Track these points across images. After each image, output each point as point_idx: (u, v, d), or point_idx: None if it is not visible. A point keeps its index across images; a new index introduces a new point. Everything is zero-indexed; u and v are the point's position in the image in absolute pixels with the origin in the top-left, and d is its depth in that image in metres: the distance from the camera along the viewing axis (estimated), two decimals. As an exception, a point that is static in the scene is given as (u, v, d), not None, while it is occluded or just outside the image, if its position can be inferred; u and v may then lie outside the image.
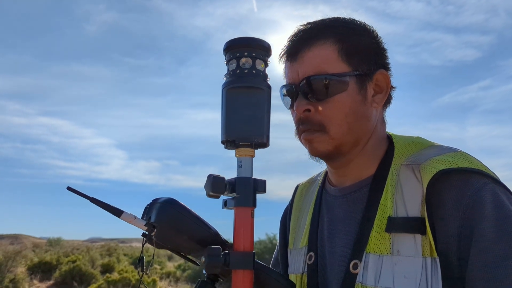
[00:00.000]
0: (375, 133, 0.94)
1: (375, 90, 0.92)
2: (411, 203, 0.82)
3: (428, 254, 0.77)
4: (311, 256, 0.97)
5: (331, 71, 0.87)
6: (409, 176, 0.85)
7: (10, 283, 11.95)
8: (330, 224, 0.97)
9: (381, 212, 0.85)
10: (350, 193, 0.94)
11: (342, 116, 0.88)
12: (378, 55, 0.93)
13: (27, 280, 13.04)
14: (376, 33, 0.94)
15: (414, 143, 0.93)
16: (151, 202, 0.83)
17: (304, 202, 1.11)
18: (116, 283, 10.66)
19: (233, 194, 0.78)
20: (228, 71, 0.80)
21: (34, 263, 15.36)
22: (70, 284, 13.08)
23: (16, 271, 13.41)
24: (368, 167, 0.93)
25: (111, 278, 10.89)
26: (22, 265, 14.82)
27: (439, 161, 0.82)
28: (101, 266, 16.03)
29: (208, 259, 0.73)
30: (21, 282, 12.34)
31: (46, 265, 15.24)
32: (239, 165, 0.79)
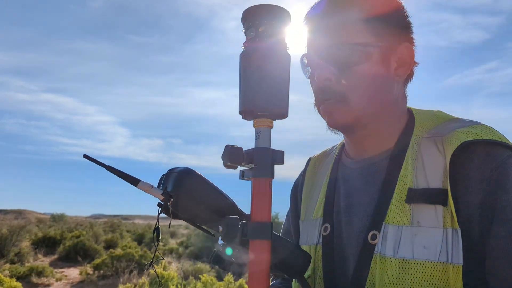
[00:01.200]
0: (395, 106, 0.92)
1: (398, 64, 0.90)
2: (433, 175, 0.81)
3: (449, 225, 0.77)
4: (327, 228, 0.97)
5: (356, 41, 0.86)
6: (430, 148, 0.84)
7: (15, 256, 12.14)
8: (347, 196, 0.96)
9: (401, 184, 0.85)
10: (369, 165, 0.93)
11: (364, 87, 0.87)
12: (403, 28, 0.92)
13: (31, 254, 13.23)
14: (403, 6, 0.92)
15: (435, 116, 0.92)
16: (168, 171, 0.82)
17: (318, 175, 1.10)
18: (120, 258, 10.79)
19: (250, 165, 0.77)
20: (246, 40, 0.78)
21: (38, 237, 15.57)
22: (74, 258, 13.27)
23: (21, 245, 13.60)
24: (387, 140, 0.92)
25: (114, 254, 11.02)
26: (27, 239, 15.01)
27: (462, 133, 0.81)
28: (105, 241, 16.24)
29: (226, 229, 0.73)
30: (26, 256, 12.53)
31: (50, 240, 15.46)
32: (258, 135, 0.77)
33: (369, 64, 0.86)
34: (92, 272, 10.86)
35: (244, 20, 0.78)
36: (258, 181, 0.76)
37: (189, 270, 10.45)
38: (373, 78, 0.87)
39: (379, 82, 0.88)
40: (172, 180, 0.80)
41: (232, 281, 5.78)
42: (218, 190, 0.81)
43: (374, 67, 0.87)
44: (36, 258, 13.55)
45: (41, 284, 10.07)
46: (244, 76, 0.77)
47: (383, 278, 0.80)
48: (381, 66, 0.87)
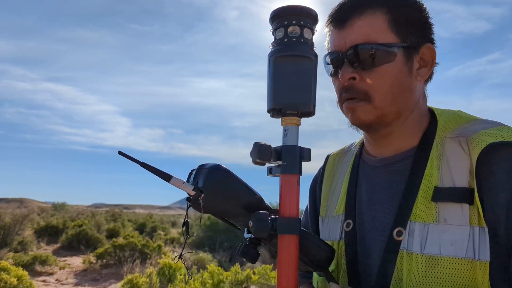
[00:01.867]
0: (417, 106, 0.95)
1: (420, 64, 0.93)
2: (458, 174, 0.84)
3: (476, 223, 0.79)
4: (349, 223, 0.99)
5: (380, 41, 0.88)
6: (455, 148, 0.86)
7: (19, 245, 12.20)
8: (369, 193, 0.99)
9: (426, 182, 0.87)
10: (392, 163, 0.96)
11: (387, 87, 0.89)
12: (425, 29, 0.94)
13: (34, 243, 13.30)
14: (424, 6, 0.94)
15: (457, 116, 0.95)
16: (198, 167, 0.85)
17: (337, 172, 1.12)
18: (123, 247, 10.86)
19: (278, 162, 0.79)
20: (275, 40, 0.80)
21: (41, 226, 15.63)
22: (77, 247, 13.35)
23: (24, 234, 13.68)
24: (410, 139, 0.95)
25: (117, 243, 11.09)
26: (29, 228, 15.10)
27: (487, 134, 0.84)
28: (107, 231, 16.31)
29: (256, 224, 0.75)
30: (29, 244, 12.59)
31: (52, 228, 15.51)
32: (285, 133, 0.79)
33: (393, 64, 0.89)
34: (95, 261, 10.94)
35: (273, 20, 0.80)
36: (286, 178, 0.78)
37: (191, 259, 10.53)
38: (396, 78, 0.89)
39: (403, 81, 0.90)
40: (202, 176, 0.82)
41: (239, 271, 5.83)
42: (247, 186, 0.84)
43: (398, 67, 0.89)
44: (39, 246, 13.63)
45: (45, 272, 10.15)
46: (272, 76, 0.79)
47: (411, 274, 0.83)
48: (405, 66, 0.90)
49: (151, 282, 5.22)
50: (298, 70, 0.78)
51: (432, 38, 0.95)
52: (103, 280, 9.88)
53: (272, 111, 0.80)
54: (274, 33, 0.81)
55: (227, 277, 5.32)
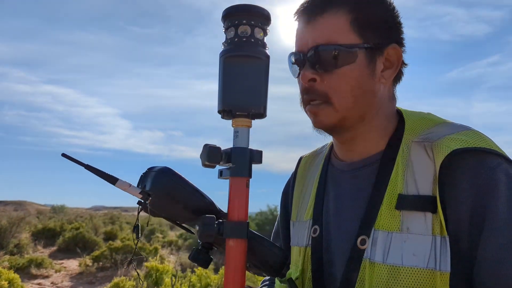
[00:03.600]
0: (382, 108, 0.91)
1: (385, 65, 0.89)
2: (423, 181, 0.81)
3: (438, 233, 0.77)
4: (316, 229, 0.96)
5: (341, 42, 0.85)
6: (420, 154, 0.83)
7: (15, 248, 12.17)
8: (336, 199, 0.96)
9: (391, 189, 0.84)
10: (358, 169, 0.92)
11: (348, 89, 0.86)
12: (392, 29, 0.90)
13: (31, 245, 13.27)
14: (393, 5, 0.91)
15: (425, 119, 0.91)
16: (146, 170, 0.83)
17: (308, 175, 1.09)
18: (119, 251, 10.84)
19: (229, 164, 0.77)
20: (226, 39, 0.79)
21: (38, 229, 15.60)
22: (74, 250, 13.31)
23: (20, 236, 13.65)
24: (377, 143, 0.91)
25: (113, 246, 11.06)
26: (26, 231, 15.06)
27: (452, 140, 0.80)
28: (104, 233, 16.28)
29: (202, 228, 0.74)
30: (25, 247, 12.56)
31: (50, 231, 15.48)
32: (236, 135, 0.78)
33: (353, 66, 0.85)
34: (91, 263, 10.90)
35: (224, 19, 0.79)
36: (235, 180, 0.76)
37: (187, 262, 10.50)
38: (357, 80, 0.86)
39: (364, 84, 0.87)
40: (150, 179, 0.80)
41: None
42: (196, 189, 0.82)
43: (358, 68, 0.86)
44: (36, 249, 13.60)
45: (40, 275, 10.12)
46: (222, 76, 0.77)
47: (372, 284, 0.81)
48: (367, 68, 0.86)
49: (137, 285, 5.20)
50: (249, 71, 0.77)
51: (401, 38, 0.91)
52: (98, 283, 9.85)
53: (222, 112, 0.78)
54: (225, 33, 0.79)
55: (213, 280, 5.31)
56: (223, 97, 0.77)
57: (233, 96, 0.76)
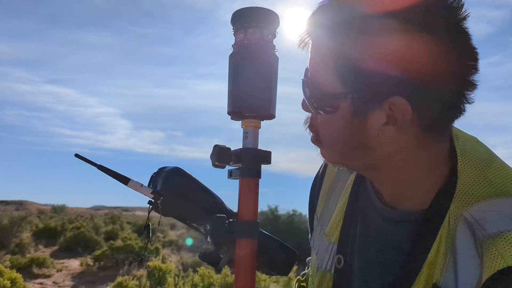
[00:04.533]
0: (404, 160, 0.69)
1: (389, 117, 0.64)
2: (464, 281, 0.64)
3: None
4: (340, 260, 0.85)
5: (322, 86, 0.68)
6: (467, 241, 0.64)
7: (16, 247, 12.19)
8: (363, 239, 0.83)
9: (427, 271, 0.68)
10: (392, 220, 0.76)
11: (332, 140, 0.71)
12: (403, 78, 0.61)
13: (32, 245, 13.29)
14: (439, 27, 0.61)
15: (488, 181, 0.68)
16: (157, 170, 0.84)
17: (337, 177, 0.95)
18: (120, 250, 10.85)
19: (238, 165, 0.78)
20: (235, 42, 0.80)
21: (39, 228, 15.62)
22: (75, 250, 13.34)
23: (22, 236, 13.67)
24: (412, 197, 0.73)
25: (115, 245, 11.07)
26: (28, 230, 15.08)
27: (509, 245, 0.60)
28: (105, 233, 16.30)
29: (212, 227, 0.75)
30: (27, 246, 12.58)
31: (51, 231, 15.50)
32: (245, 136, 0.79)
33: (335, 116, 0.68)
34: (92, 263, 10.92)
35: (233, 22, 0.80)
36: (245, 181, 0.78)
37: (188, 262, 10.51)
38: (341, 133, 0.69)
39: (352, 138, 0.68)
40: (161, 179, 0.82)
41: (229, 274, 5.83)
42: (206, 189, 0.83)
43: (341, 120, 0.67)
44: (37, 249, 13.61)
45: (42, 274, 10.13)
46: (232, 78, 0.78)
47: None
48: (352, 120, 0.66)
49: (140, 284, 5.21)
50: (258, 73, 0.78)
51: (414, 88, 0.62)
52: (100, 283, 9.86)
53: (231, 113, 0.79)
54: (234, 35, 0.80)
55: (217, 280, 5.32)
56: (232, 98, 0.78)
57: (243, 97, 0.78)
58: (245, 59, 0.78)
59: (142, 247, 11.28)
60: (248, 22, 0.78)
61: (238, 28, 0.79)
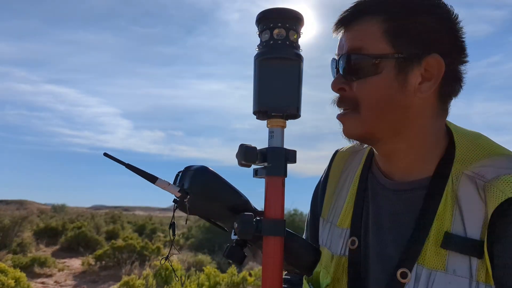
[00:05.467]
0: (422, 126, 0.85)
1: (423, 77, 0.81)
2: (471, 224, 0.76)
3: (483, 280, 0.73)
4: (354, 242, 0.93)
5: (370, 51, 0.82)
6: (470, 191, 0.78)
7: (18, 247, 12.20)
8: (376, 216, 0.92)
9: (438, 225, 0.80)
10: (402, 191, 0.87)
11: (373, 100, 0.82)
12: (438, 39, 0.81)
13: (33, 244, 13.30)
14: (447, 13, 0.83)
15: (479, 147, 0.84)
16: (184, 169, 0.85)
17: (345, 173, 1.05)
18: (122, 249, 10.86)
19: (264, 164, 0.79)
20: (261, 42, 0.80)
21: (40, 228, 15.63)
22: (76, 249, 13.34)
23: (23, 235, 13.68)
24: (423, 166, 0.86)
25: (116, 245, 11.08)
26: (29, 230, 15.10)
27: (508, 183, 0.73)
28: (106, 232, 16.31)
29: (241, 225, 0.75)
30: (28, 246, 12.59)
31: (52, 230, 15.52)
32: (271, 135, 0.80)
33: (379, 77, 0.82)
34: (94, 262, 10.93)
35: (259, 22, 0.81)
36: (271, 180, 0.78)
37: (190, 261, 10.52)
38: (384, 92, 0.82)
39: (392, 96, 0.82)
40: (188, 178, 0.82)
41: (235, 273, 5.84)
42: (233, 188, 0.84)
43: (385, 80, 0.81)
44: (38, 248, 13.63)
45: (44, 274, 10.14)
46: (258, 78, 0.79)
47: None
48: (394, 80, 0.81)
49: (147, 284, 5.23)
50: (284, 73, 0.78)
51: (452, 48, 0.83)
52: (101, 282, 9.87)
53: (257, 113, 0.80)
54: (260, 36, 0.81)
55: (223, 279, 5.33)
56: (258, 98, 0.79)
57: (269, 97, 0.78)
58: (271, 59, 0.78)
59: (144, 247, 11.28)
60: (274, 23, 0.79)
61: (264, 28, 0.80)
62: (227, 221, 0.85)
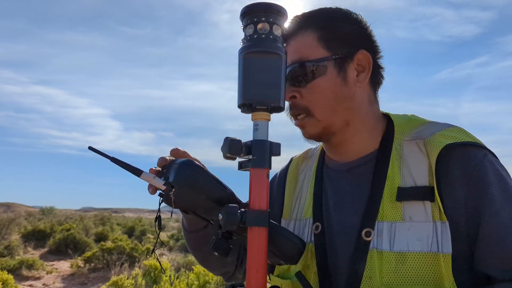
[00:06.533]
0: (364, 111, 0.99)
1: (357, 70, 0.97)
2: (418, 174, 0.90)
3: (437, 219, 0.86)
4: (318, 226, 1.01)
5: (311, 57, 0.95)
6: (413, 150, 0.93)
7: (5, 249, 12.06)
8: (335, 197, 1.02)
9: (389, 183, 0.92)
10: (355, 167, 1.00)
11: (324, 100, 0.95)
12: (359, 38, 0.98)
13: (21, 247, 13.16)
14: (360, 19, 1.00)
15: (412, 120, 1.01)
16: (169, 163, 0.86)
17: (301, 176, 1.15)
18: (111, 251, 10.79)
19: (249, 156, 0.80)
20: (245, 36, 0.81)
21: (28, 231, 15.47)
22: (65, 251, 13.23)
23: (11, 238, 13.53)
24: (369, 143, 1.00)
25: (105, 246, 11.02)
26: (16, 232, 14.94)
27: (443, 136, 0.91)
28: (95, 234, 16.20)
29: (226, 217, 0.76)
30: (16, 249, 12.46)
31: (40, 233, 15.36)
32: (255, 128, 0.81)
33: (325, 77, 0.94)
34: (83, 265, 10.85)
35: (243, 17, 0.82)
36: (256, 171, 0.79)
37: (180, 262, 10.49)
38: (331, 90, 0.95)
39: (339, 92, 0.95)
40: (173, 171, 0.83)
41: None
42: (217, 180, 0.85)
43: (330, 79, 0.95)
44: (26, 251, 13.49)
45: (32, 276, 10.04)
46: (242, 71, 0.80)
47: (383, 271, 0.87)
48: (337, 77, 0.95)
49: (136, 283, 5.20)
50: (268, 66, 0.79)
51: (372, 46, 1.00)
52: (91, 284, 9.80)
53: (242, 106, 0.81)
54: (244, 30, 0.82)
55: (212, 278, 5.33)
56: (243, 91, 0.80)
57: (253, 90, 0.79)
58: (255, 53, 0.79)
59: (133, 248, 11.23)
60: (258, 17, 0.79)
61: (248, 22, 0.81)
62: (212, 213, 0.86)
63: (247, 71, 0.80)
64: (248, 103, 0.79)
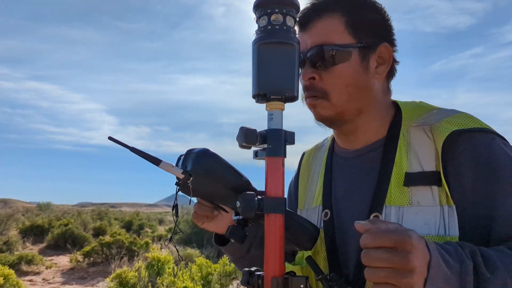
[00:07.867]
0: (379, 101, 1.01)
1: (378, 62, 0.99)
2: (426, 159, 0.92)
3: (444, 203, 0.88)
4: (327, 213, 1.04)
5: (337, 42, 0.95)
6: (420, 136, 0.95)
7: (4, 245, 12.06)
8: (344, 184, 1.04)
9: (397, 169, 0.94)
10: (364, 154, 1.02)
11: (343, 85, 0.96)
12: (383, 30, 1.00)
13: (20, 242, 13.16)
14: (384, 10, 1.01)
15: (419, 107, 1.02)
16: (186, 152, 0.87)
17: (313, 167, 1.18)
18: (110, 245, 10.82)
19: (263, 145, 0.82)
20: (258, 27, 0.83)
21: (26, 226, 15.46)
22: (63, 246, 13.24)
23: (9, 234, 13.52)
24: (378, 131, 1.01)
25: (104, 241, 11.04)
26: (14, 228, 14.92)
27: (450, 122, 0.92)
28: (93, 229, 16.19)
29: (244, 203, 0.78)
30: (15, 244, 12.46)
31: (38, 228, 15.35)
32: (270, 117, 0.82)
33: (348, 64, 0.96)
34: (82, 259, 10.87)
35: (256, 9, 0.83)
36: (271, 160, 0.81)
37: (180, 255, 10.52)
38: (352, 77, 0.96)
39: (359, 80, 0.97)
40: (191, 160, 0.85)
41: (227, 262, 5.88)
42: (234, 169, 0.87)
43: (353, 66, 0.96)
44: (25, 246, 13.49)
45: (31, 272, 10.06)
46: (257, 62, 0.82)
47: None
48: (360, 65, 0.96)
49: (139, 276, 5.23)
50: (282, 57, 0.81)
51: (392, 38, 1.02)
52: (90, 278, 9.84)
53: (257, 96, 0.83)
54: (257, 21, 0.84)
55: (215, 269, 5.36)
56: (258, 82, 0.81)
57: (268, 80, 0.81)
58: (269, 44, 0.81)
59: (132, 242, 11.25)
60: (272, 9, 0.81)
61: (262, 14, 0.82)
62: (229, 201, 0.88)
63: (261, 62, 0.81)
64: (262, 93, 0.81)
